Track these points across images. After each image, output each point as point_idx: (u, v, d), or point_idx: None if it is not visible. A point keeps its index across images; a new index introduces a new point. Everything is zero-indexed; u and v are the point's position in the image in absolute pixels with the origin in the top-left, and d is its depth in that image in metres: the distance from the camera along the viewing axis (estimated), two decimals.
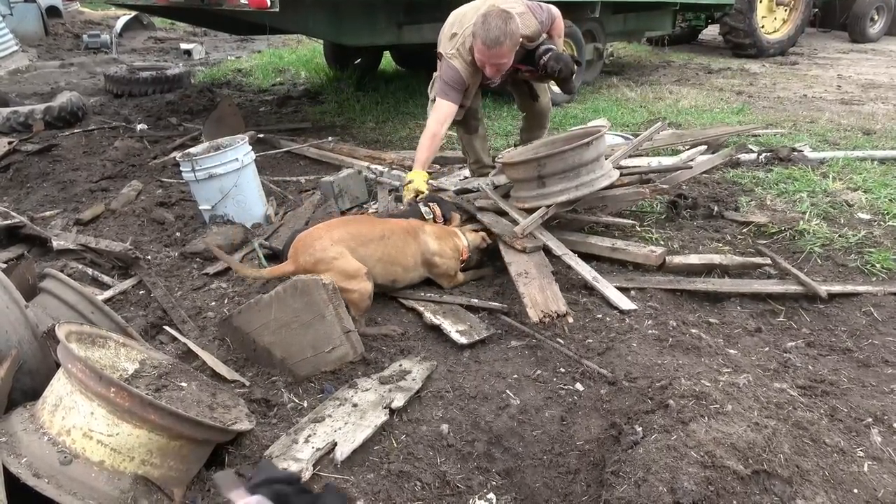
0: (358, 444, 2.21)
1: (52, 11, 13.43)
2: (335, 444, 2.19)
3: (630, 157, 4.66)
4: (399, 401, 2.42)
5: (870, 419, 2.30)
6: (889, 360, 2.71)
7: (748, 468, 1.89)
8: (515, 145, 4.75)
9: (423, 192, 3.71)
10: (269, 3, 4.79)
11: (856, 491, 1.94)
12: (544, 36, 3.99)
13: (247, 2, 4.90)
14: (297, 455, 2.15)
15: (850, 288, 3.20)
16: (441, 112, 3.83)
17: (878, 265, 3.43)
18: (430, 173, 3.92)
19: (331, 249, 2.88)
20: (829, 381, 2.54)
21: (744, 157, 5.12)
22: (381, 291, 3.15)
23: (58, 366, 2.07)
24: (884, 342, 2.83)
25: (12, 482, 1.79)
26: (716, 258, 3.43)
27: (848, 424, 2.28)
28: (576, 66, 4.00)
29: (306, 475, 2.08)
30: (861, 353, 2.77)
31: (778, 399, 2.30)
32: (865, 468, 2.04)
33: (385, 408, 2.38)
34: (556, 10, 4.06)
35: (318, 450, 2.17)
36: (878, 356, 2.74)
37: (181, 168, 4.07)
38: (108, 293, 3.39)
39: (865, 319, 3.00)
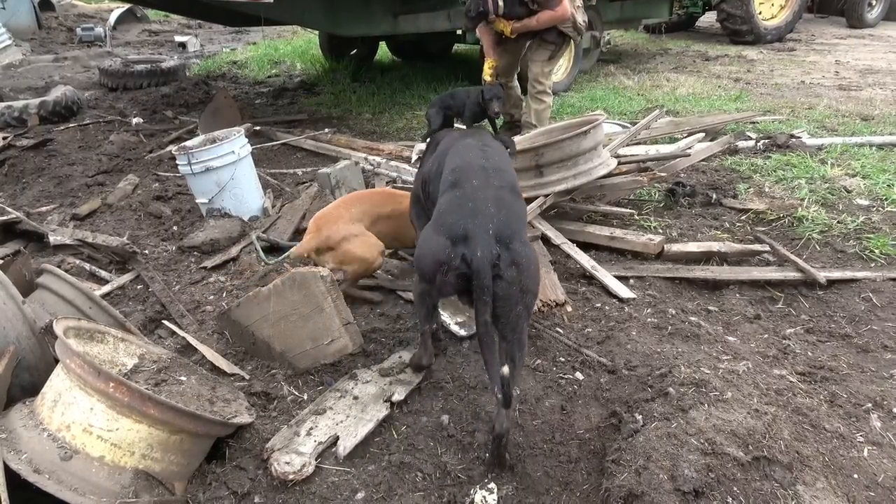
0: (360, 440, 2.22)
1: (45, 5, 13.35)
2: (337, 438, 2.20)
3: (628, 145, 4.65)
4: (400, 394, 2.43)
5: (869, 404, 2.30)
6: (888, 345, 2.72)
7: (748, 455, 1.89)
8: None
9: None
10: None
11: (856, 476, 1.95)
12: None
13: None
14: (299, 448, 2.15)
15: (848, 274, 3.20)
16: None
17: (876, 251, 3.43)
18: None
19: (352, 227, 3.03)
20: (829, 367, 2.55)
21: (742, 144, 5.11)
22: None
23: (56, 361, 2.06)
24: (883, 328, 2.84)
25: (13, 478, 1.79)
26: (714, 246, 3.43)
27: (847, 410, 2.29)
28: (472, 15, 4.46)
29: (309, 469, 2.08)
30: (860, 339, 2.77)
31: (777, 385, 2.31)
32: (865, 453, 2.05)
33: (386, 401, 2.39)
34: (563, 9, 4.45)
35: (320, 443, 2.17)
36: (878, 342, 2.75)
37: (177, 161, 4.05)
38: (105, 288, 3.38)
39: (864, 305, 3.01)
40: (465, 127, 3.26)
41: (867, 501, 1.87)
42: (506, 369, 1.99)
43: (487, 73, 4.57)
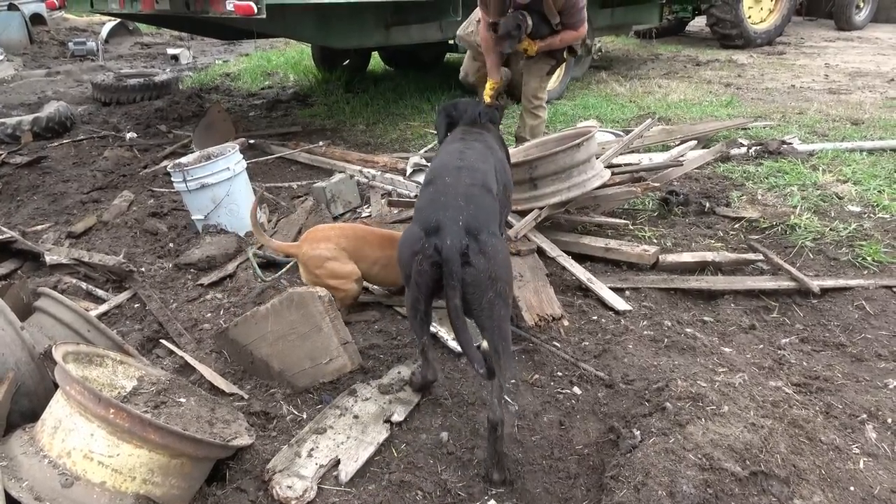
0: (362, 463, 2.23)
1: (37, 19, 13.31)
2: (338, 461, 2.21)
3: (621, 154, 4.68)
4: (399, 414, 2.44)
5: (864, 415, 2.32)
6: (882, 353, 2.74)
7: (746, 469, 1.91)
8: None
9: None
10: (255, 10, 4.76)
11: (852, 489, 1.96)
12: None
13: (233, 8, 4.87)
14: (300, 471, 2.15)
15: (842, 282, 3.23)
16: (482, 19, 4.44)
17: (869, 258, 3.46)
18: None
19: (332, 253, 3.00)
20: (824, 378, 2.57)
21: (734, 151, 5.14)
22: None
23: (56, 386, 2.07)
24: (876, 336, 2.86)
25: None
26: (708, 255, 3.46)
27: (843, 421, 2.31)
28: (515, 33, 4.16)
29: (311, 494, 2.09)
30: (854, 348, 2.80)
31: (773, 397, 2.32)
32: (861, 465, 2.07)
33: (386, 421, 2.40)
34: (584, 28, 4.37)
35: (321, 466, 2.18)
36: (872, 350, 2.77)
37: (172, 178, 4.06)
38: (102, 308, 3.38)
39: (858, 313, 3.03)
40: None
41: None
42: (485, 343, 2.23)
43: (488, 95, 4.46)
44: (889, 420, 2.28)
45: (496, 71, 4.53)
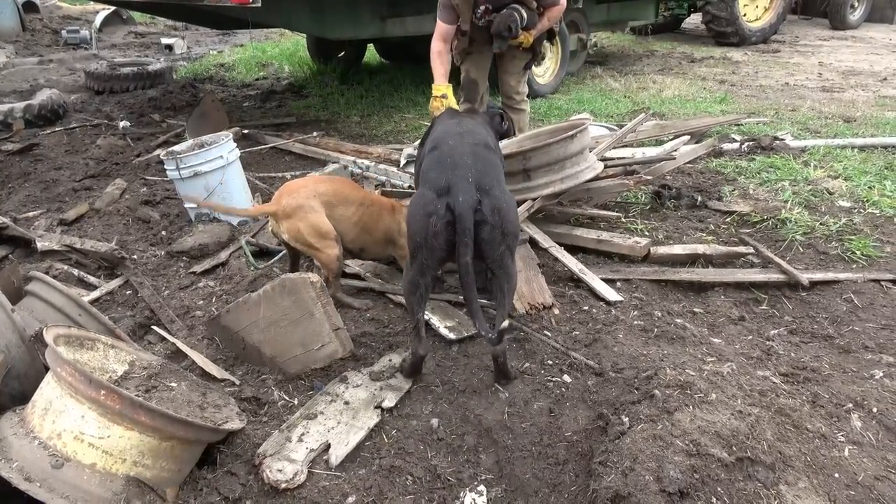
0: (352, 448, 2.24)
1: (29, 6, 13.23)
2: (329, 445, 2.22)
3: (614, 148, 4.69)
4: (390, 400, 2.45)
5: (850, 405, 2.35)
6: (869, 345, 2.77)
7: (732, 455, 1.93)
8: None
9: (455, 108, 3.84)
10: None
11: (837, 475, 1.98)
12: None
13: None
14: (290, 455, 2.16)
15: (831, 275, 3.26)
16: (438, 30, 3.99)
17: (858, 252, 3.49)
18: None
19: (311, 201, 3.01)
20: (811, 368, 2.59)
21: (727, 146, 5.17)
22: (350, 256, 3.34)
23: (46, 369, 2.07)
24: (864, 328, 2.89)
25: (4, 486, 1.80)
26: (700, 248, 3.48)
27: (829, 410, 2.33)
28: (507, 34, 3.85)
29: (301, 477, 2.10)
30: (842, 340, 2.82)
31: (761, 386, 2.35)
32: (846, 453, 2.09)
33: (377, 407, 2.41)
34: (563, 1, 4.10)
35: (311, 450, 2.19)
36: (859, 342, 2.80)
37: (166, 166, 4.05)
38: (94, 294, 3.37)
39: (846, 306, 3.06)
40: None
41: (848, 500, 1.91)
42: (506, 323, 2.42)
43: (440, 108, 3.65)
44: (874, 409, 2.30)
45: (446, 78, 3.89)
